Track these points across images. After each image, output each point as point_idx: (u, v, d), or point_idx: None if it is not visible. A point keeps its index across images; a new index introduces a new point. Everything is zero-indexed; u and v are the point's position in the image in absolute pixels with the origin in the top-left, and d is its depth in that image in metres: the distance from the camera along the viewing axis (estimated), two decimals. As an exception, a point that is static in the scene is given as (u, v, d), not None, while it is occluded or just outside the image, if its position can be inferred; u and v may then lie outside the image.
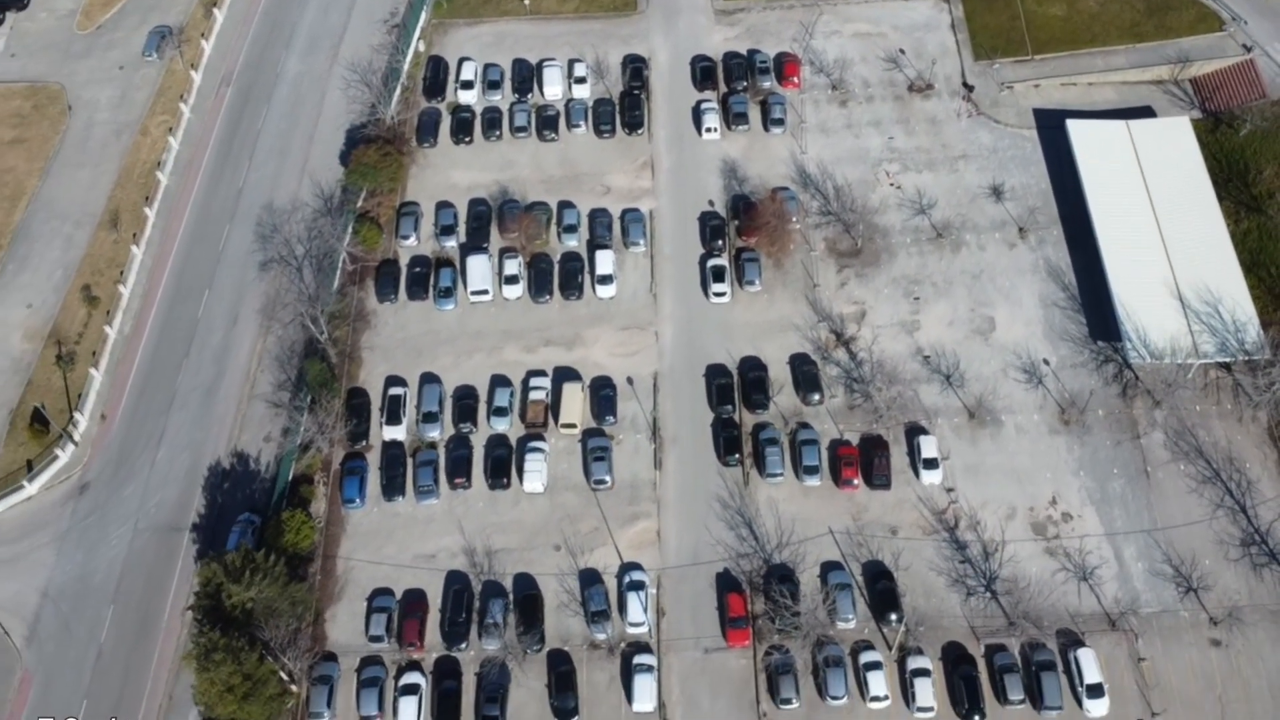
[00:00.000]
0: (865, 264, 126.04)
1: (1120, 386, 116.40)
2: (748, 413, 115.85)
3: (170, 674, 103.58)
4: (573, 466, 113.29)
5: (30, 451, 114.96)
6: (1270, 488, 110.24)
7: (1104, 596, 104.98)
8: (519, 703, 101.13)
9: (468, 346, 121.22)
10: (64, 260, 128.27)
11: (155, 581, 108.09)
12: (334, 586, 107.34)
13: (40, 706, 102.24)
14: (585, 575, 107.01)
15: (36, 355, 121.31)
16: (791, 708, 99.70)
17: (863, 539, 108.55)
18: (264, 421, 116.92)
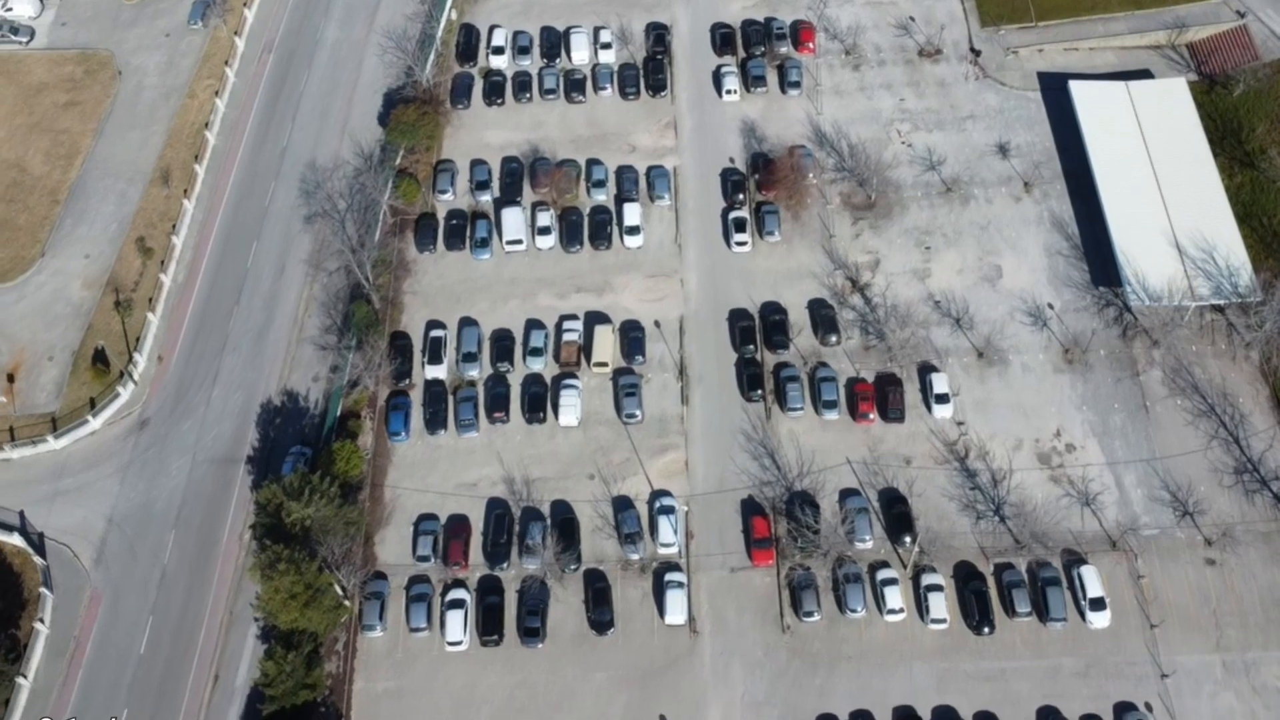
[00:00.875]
0: (879, 216, 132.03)
1: (1120, 328, 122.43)
2: (769, 353, 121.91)
3: (230, 592, 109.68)
4: (605, 402, 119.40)
5: (92, 390, 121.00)
6: (1261, 421, 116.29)
7: (1105, 520, 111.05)
8: (558, 617, 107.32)
9: (503, 293, 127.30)
10: (118, 215, 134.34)
11: (213, 509, 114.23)
12: (382, 512, 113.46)
13: (109, 621, 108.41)
14: (618, 501, 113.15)
15: (95, 302, 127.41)
16: (813, 620, 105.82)
17: (878, 468, 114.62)
18: (312, 363, 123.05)
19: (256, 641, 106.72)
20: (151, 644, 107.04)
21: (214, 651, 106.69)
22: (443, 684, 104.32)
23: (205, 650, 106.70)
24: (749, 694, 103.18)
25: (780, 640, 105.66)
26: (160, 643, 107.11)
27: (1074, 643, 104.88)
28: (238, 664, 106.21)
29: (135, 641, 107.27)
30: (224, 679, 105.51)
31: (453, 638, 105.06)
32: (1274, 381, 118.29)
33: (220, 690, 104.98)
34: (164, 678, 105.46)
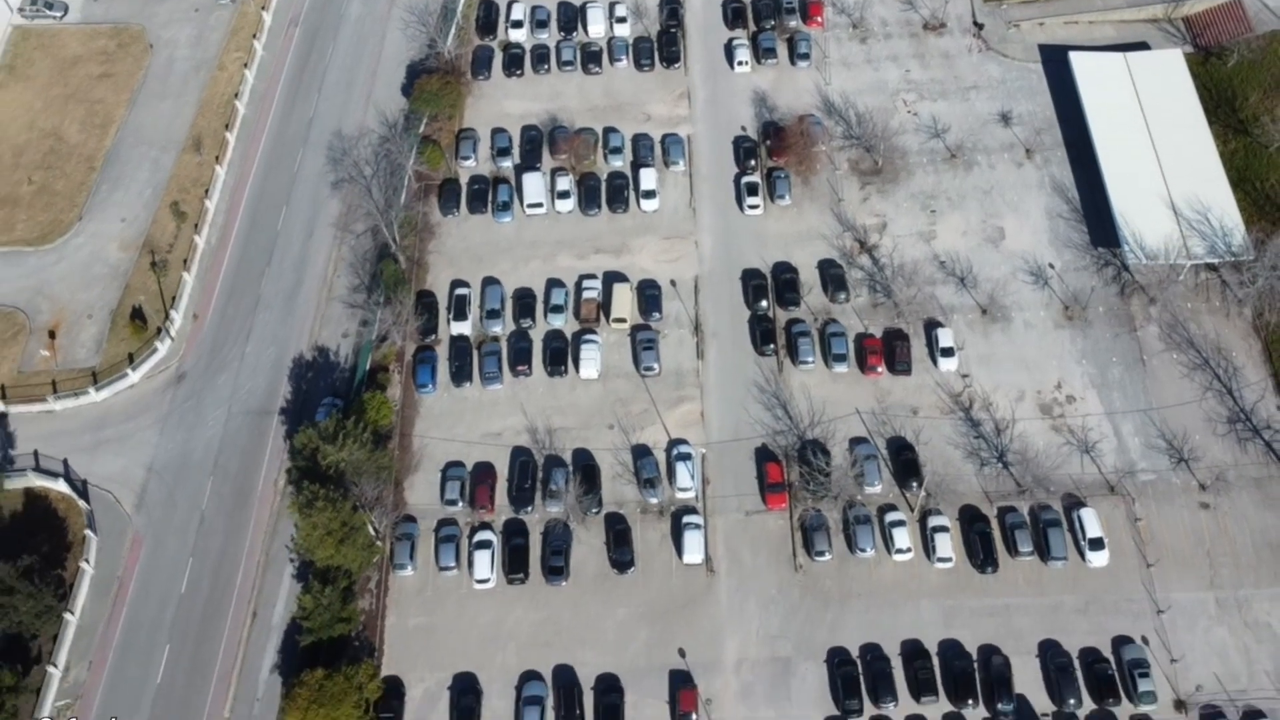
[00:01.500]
0: (885, 181, 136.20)
1: (1119, 286, 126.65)
2: (780, 310, 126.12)
3: (266, 536, 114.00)
4: (623, 357, 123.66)
5: (131, 346, 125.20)
6: (1254, 373, 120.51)
7: (1104, 466, 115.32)
8: (580, 557, 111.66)
9: (525, 254, 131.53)
10: (152, 180, 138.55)
11: (249, 457, 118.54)
12: (411, 460, 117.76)
13: (151, 563, 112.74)
14: (637, 450, 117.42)
15: (132, 263, 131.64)
16: (825, 559, 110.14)
17: (886, 418, 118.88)
18: (341, 320, 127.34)
19: (292, 581, 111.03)
20: (192, 584, 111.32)
21: (251, 591, 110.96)
22: (471, 619, 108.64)
23: (243, 590, 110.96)
24: (763, 629, 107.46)
25: (793, 579, 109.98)
26: (200, 583, 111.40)
27: (1074, 581, 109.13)
28: (274, 602, 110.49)
29: (176, 582, 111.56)
30: (261, 616, 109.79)
31: (480, 576, 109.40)
32: (1266, 336, 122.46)
33: (258, 627, 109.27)
34: (204, 615, 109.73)
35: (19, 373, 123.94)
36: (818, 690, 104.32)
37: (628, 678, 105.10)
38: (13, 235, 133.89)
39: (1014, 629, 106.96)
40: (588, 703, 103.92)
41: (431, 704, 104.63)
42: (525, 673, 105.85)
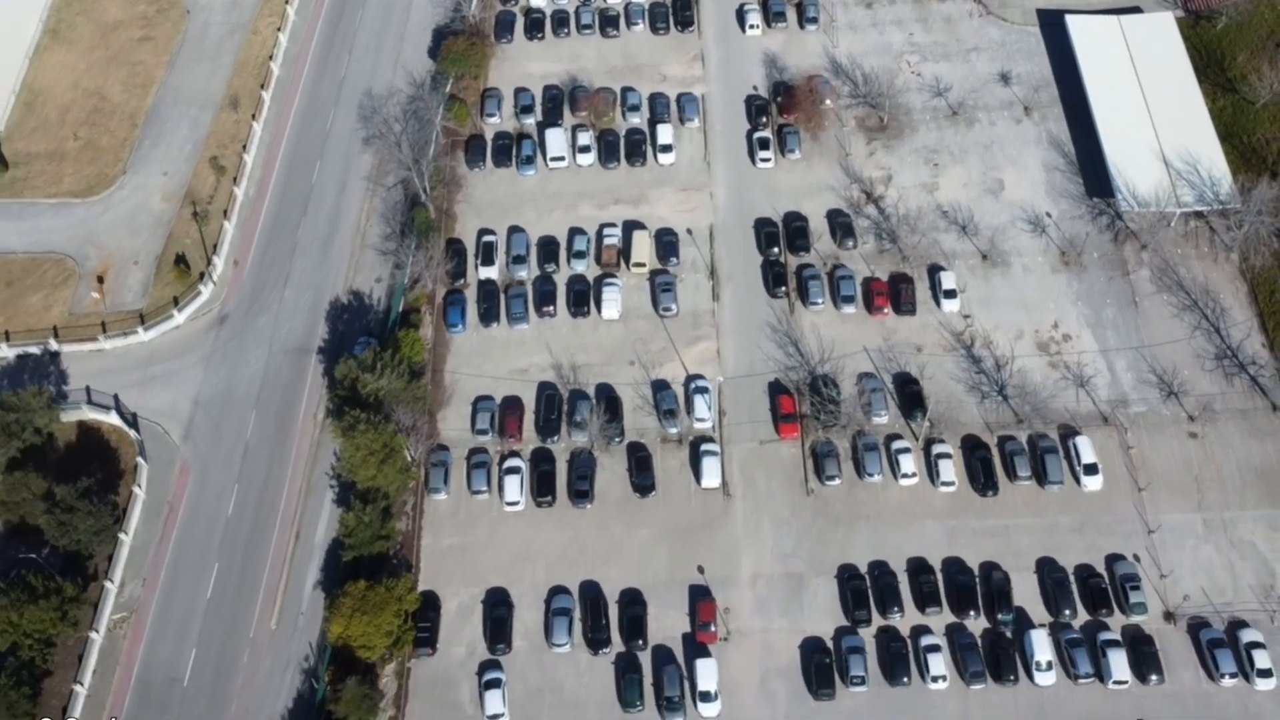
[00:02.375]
0: (890, 137, 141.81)
1: (1112, 234, 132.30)
2: (791, 255, 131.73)
3: (307, 464, 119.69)
4: (642, 300, 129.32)
5: (175, 290, 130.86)
6: (1240, 314, 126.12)
7: (1098, 398, 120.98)
8: (604, 482, 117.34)
9: (548, 205, 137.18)
10: (192, 137, 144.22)
11: (290, 392, 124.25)
12: (443, 394, 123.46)
13: (199, 489, 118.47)
14: (656, 384, 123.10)
15: (174, 213, 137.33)
16: (834, 484, 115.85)
17: (892, 355, 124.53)
18: (374, 266, 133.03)
19: (333, 505, 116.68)
20: (238, 508, 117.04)
21: (294, 514, 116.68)
22: (502, 540, 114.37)
23: (286, 513, 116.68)
24: (777, 548, 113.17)
25: (805, 502, 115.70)
26: (245, 507, 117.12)
27: (1069, 503, 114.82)
28: (316, 524, 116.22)
29: (223, 506, 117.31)
30: (304, 537, 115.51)
31: (510, 499, 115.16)
32: (1252, 279, 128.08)
33: (301, 547, 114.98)
34: (250, 537, 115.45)
35: (70, 315, 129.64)
36: (829, 603, 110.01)
37: (650, 592, 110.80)
38: (61, 187, 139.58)
39: (1013, 547, 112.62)
40: (613, 614, 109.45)
41: (465, 616, 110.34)
42: (553, 588, 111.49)
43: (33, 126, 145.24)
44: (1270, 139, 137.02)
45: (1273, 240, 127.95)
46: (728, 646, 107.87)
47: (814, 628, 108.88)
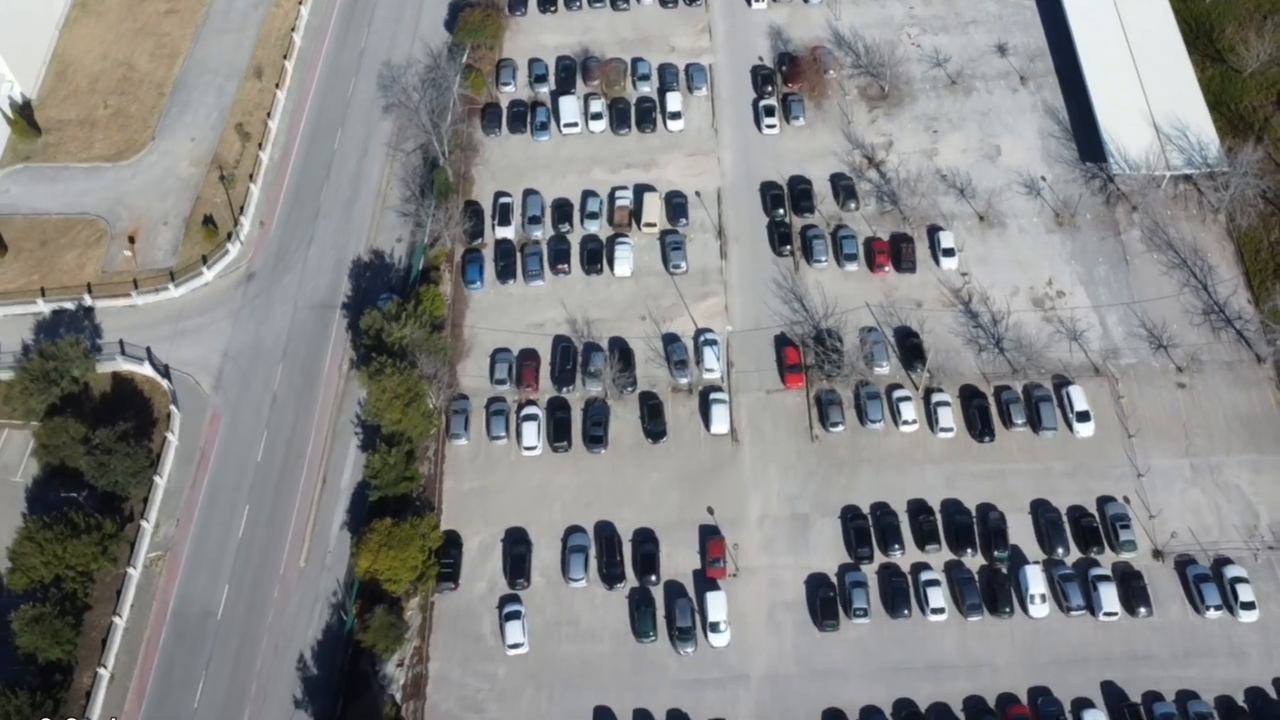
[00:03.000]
0: (891, 105, 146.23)
1: (1104, 196, 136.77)
2: (796, 217, 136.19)
3: (332, 413, 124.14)
4: (653, 258, 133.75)
5: (204, 249, 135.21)
6: (1227, 272, 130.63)
7: (1090, 351, 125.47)
8: (617, 429, 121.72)
9: (562, 169, 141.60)
10: (218, 104, 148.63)
11: (315, 346, 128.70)
12: (462, 347, 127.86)
13: (229, 436, 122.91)
14: (667, 337, 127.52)
15: (202, 177, 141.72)
16: (838, 430, 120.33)
17: (893, 310, 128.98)
18: (395, 228, 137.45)
19: (358, 451, 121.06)
20: (267, 454, 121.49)
21: (321, 460, 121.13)
22: (520, 482, 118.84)
23: (313, 459, 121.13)
24: (783, 491, 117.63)
25: (810, 447, 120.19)
26: (274, 453, 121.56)
27: (1063, 449, 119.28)
28: (342, 469, 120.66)
29: (252, 452, 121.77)
30: (331, 481, 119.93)
31: (528, 444, 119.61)
32: (1238, 239, 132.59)
33: (328, 490, 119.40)
34: (279, 481, 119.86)
35: (103, 272, 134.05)
36: (832, 541, 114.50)
37: (662, 531, 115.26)
38: (92, 152, 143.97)
39: (1009, 490, 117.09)
40: (626, 552, 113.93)
41: (486, 553, 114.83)
42: (570, 527, 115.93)
43: (64, 95, 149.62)
44: (1256, 106, 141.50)
45: (1258, 201, 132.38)
46: (736, 582, 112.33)
47: (819, 564, 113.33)
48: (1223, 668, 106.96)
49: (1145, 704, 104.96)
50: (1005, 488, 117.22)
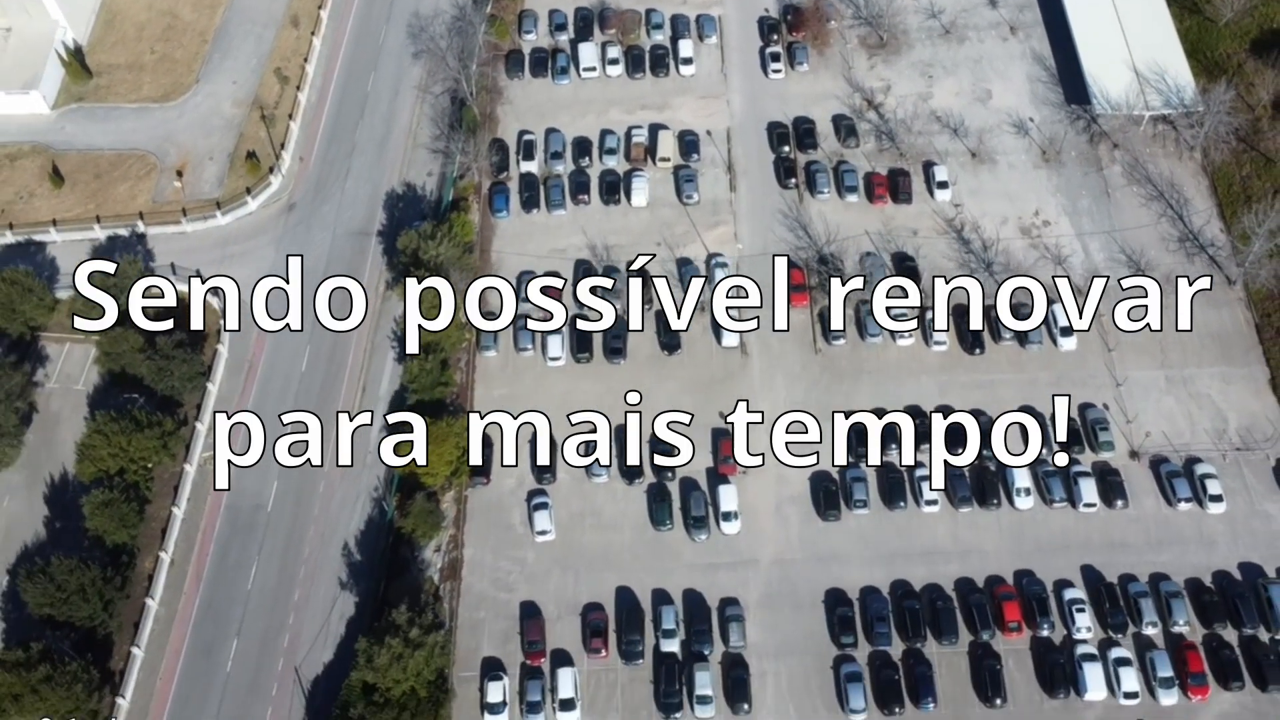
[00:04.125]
0: (889, 53, 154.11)
1: (1088, 135, 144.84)
2: (800, 153, 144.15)
3: (371, 329, 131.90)
4: (667, 190, 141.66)
5: (247, 181, 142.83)
6: (1201, 204, 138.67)
7: (1073, 274, 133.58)
8: (635, 342, 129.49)
9: (581, 110, 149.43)
10: (257, 51, 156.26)
11: (353, 267, 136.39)
12: (490, 270, 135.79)
13: (274, 349, 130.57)
14: (680, 261, 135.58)
15: (244, 116, 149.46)
16: (840, 343, 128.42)
17: (891, 237, 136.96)
18: (425, 164, 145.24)
19: (394, 364, 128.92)
20: (310, 365, 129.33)
21: (360, 370, 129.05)
22: (546, 390, 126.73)
23: (353, 369, 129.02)
24: (789, 398, 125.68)
25: (813, 359, 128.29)
26: (317, 364, 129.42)
27: (1047, 361, 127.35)
28: (380, 379, 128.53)
29: (296, 363, 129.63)
30: (369, 390, 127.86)
31: (553, 355, 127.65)
32: (1212, 173, 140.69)
33: (367, 397, 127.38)
34: (322, 389, 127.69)
35: (154, 202, 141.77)
36: (836, 441, 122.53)
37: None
38: (141, 94, 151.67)
39: (998, 398, 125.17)
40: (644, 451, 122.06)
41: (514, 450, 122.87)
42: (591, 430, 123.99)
43: (113, 41, 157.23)
44: (1230, 54, 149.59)
45: (1230, 139, 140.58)
46: (746, 478, 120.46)
47: (822, 463, 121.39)
48: (1192, 553, 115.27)
49: (1121, 584, 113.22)
50: (994, 395, 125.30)
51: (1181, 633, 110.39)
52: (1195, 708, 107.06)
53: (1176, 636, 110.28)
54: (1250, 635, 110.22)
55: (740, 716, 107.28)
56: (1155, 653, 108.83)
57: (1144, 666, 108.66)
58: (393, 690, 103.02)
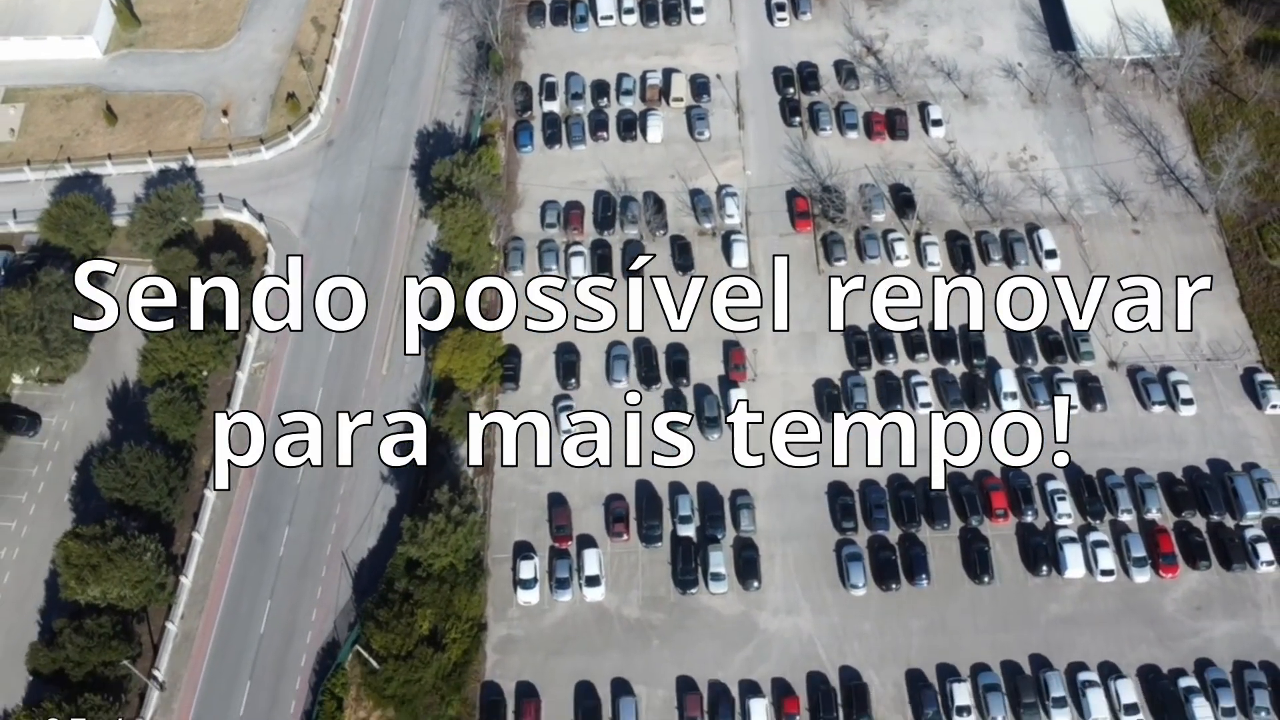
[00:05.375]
0: (887, 4, 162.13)
1: (1073, 78, 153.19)
2: (804, 95, 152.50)
3: (405, 252, 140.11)
4: (680, 128, 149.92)
5: (288, 120, 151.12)
6: (1177, 140, 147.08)
7: (1057, 203, 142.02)
8: (652, 263, 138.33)
9: (599, 56, 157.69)
10: (295, 2, 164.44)
11: (388, 199, 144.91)
12: (516, 200, 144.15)
13: (318, 271, 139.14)
14: (693, 191, 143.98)
15: (284, 61, 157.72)
16: (841, 264, 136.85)
17: (889, 170, 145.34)
18: (454, 104, 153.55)
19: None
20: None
21: (397, 290, 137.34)
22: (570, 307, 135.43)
23: (391, 289, 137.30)
24: (794, 314, 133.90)
25: (817, 279, 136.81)
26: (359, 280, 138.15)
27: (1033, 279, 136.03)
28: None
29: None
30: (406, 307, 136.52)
31: (576, 273, 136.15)
32: (1188, 112, 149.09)
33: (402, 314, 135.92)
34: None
35: (202, 139, 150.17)
36: (836, 353, 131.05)
37: (690, 346, 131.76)
38: (186, 40, 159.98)
39: (986, 312, 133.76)
40: (661, 361, 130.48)
41: (541, 362, 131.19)
42: (612, 343, 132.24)
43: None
44: (1205, 2, 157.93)
45: (1205, 80, 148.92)
46: (755, 385, 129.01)
47: (824, 371, 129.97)
48: (1165, 451, 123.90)
49: (1099, 477, 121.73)
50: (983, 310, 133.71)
51: (1154, 519, 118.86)
52: (1166, 584, 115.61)
53: (1149, 523, 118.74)
54: (1217, 522, 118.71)
55: (750, 592, 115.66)
56: (1130, 536, 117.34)
57: (1119, 549, 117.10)
58: (434, 564, 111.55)
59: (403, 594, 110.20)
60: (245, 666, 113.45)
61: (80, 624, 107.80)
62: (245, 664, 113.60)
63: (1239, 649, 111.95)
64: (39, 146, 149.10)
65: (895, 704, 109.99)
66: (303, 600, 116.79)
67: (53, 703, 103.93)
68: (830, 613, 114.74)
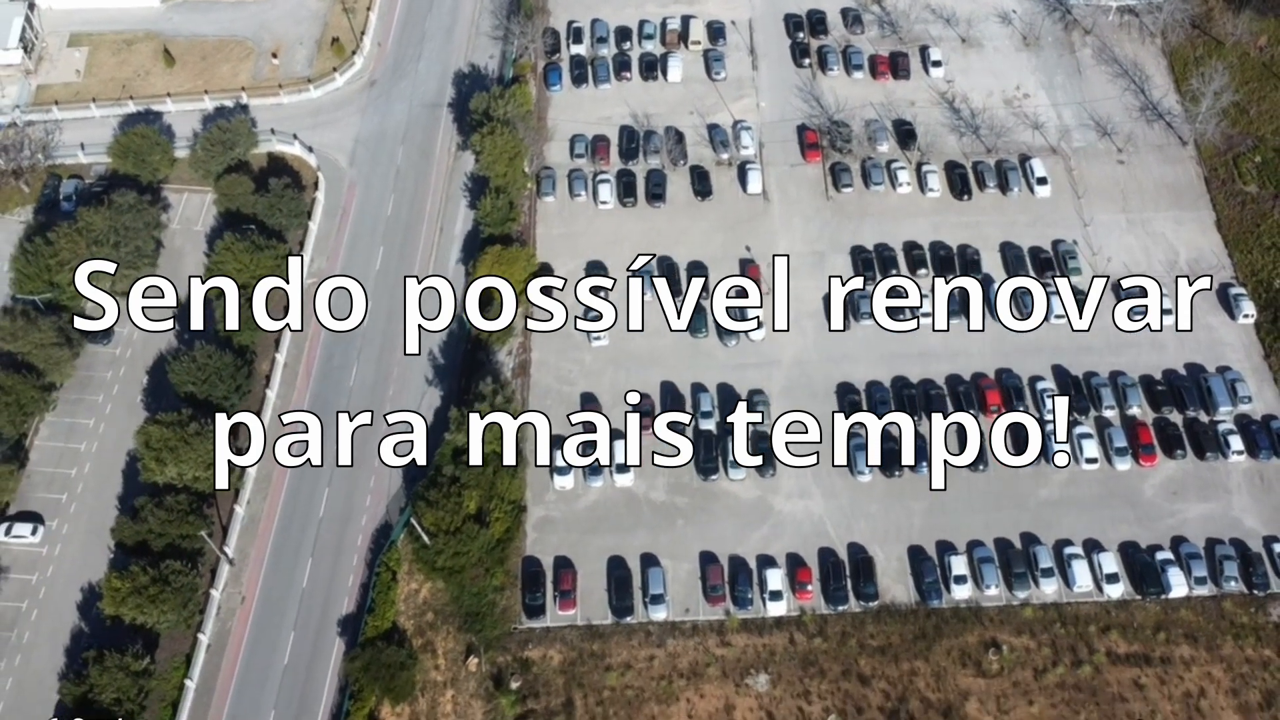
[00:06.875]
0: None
1: (1063, 24, 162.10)
2: (813, 39, 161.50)
3: (444, 183, 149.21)
4: (698, 68, 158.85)
5: (334, 62, 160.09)
6: (1160, 80, 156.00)
7: (1048, 137, 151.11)
8: (673, 189, 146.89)
9: (622, 4, 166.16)
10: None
11: (428, 133, 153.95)
12: (546, 134, 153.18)
13: (364, 198, 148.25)
14: (710, 126, 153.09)
15: (328, 9, 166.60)
16: (848, 191, 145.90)
17: (892, 107, 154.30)
18: (487, 49, 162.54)
19: (466, 210, 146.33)
20: (394, 209, 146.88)
21: (438, 215, 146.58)
22: (597, 228, 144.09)
23: (431, 214, 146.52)
24: (805, 235, 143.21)
25: (825, 204, 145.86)
26: (400, 210, 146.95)
27: (1025, 204, 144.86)
28: (455, 222, 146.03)
29: (383, 209, 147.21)
30: (446, 230, 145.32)
31: (603, 199, 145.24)
32: (1170, 55, 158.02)
33: (444, 237, 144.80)
34: (405, 230, 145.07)
35: (254, 79, 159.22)
36: (844, 270, 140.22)
37: (710, 262, 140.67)
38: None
39: (982, 235, 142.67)
40: (683, 277, 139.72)
41: (572, 277, 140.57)
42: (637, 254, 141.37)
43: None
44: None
45: (1186, 24, 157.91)
46: (769, 296, 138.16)
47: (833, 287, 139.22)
48: (1146, 356, 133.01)
49: (1085, 379, 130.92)
50: (980, 233, 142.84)
51: (1135, 414, 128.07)
52: (1145, 472, 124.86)
53: (1130, 418, 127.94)
54: (1192, 417, 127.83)
55: (766, 478, 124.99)
56: (1112, 429, 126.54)
57: (1103, 440, 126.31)
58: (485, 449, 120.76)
59: (451, 478, 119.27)
60: (307, 545, 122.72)
61: (160, 499, 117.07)
62: (307, 542, 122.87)
63: (1211, 528, 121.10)
64: (103, 86, 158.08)
65: (898, 574, 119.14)
66: (357, 488, 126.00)
67: (139, 567, 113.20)
68: (839, 497, 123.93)
